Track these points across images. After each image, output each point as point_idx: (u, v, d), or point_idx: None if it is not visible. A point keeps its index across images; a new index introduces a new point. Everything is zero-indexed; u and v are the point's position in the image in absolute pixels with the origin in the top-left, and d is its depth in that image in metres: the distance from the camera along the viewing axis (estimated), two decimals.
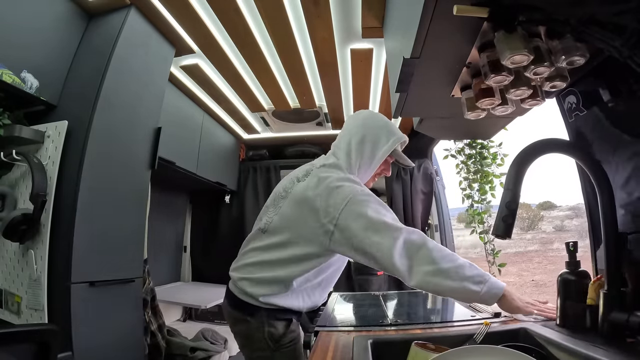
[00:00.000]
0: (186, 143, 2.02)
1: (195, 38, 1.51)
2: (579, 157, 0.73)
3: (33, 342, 0.74)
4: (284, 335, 0.98)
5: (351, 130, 1.06)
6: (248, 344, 1.01)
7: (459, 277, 0.80)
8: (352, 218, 0.88)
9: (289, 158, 2.78)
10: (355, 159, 1.03)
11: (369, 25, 1.41)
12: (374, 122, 1.06)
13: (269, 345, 0.97)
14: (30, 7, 1.15)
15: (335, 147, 1.09)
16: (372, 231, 0.85)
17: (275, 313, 0.98)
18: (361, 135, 1.03)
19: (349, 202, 0.89)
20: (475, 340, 0.73)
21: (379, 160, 1.04)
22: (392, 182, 2.59)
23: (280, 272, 0.96)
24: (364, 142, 1.03)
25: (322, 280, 1.03)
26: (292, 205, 0.98)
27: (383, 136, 1.03)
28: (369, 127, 1.04)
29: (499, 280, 0.82)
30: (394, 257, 0.82)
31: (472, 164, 1.28)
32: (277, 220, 0.99)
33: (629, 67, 0.49)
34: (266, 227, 1.01)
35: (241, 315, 1.00)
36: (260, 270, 0.99)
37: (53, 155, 1.14)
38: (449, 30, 0.64)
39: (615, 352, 0.59)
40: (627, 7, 0.46)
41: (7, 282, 1.17)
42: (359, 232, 0.86)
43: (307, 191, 0.95)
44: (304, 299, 1.02)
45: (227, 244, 2.69)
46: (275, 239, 0.98)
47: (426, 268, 0.81)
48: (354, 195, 0.90)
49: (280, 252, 0.97)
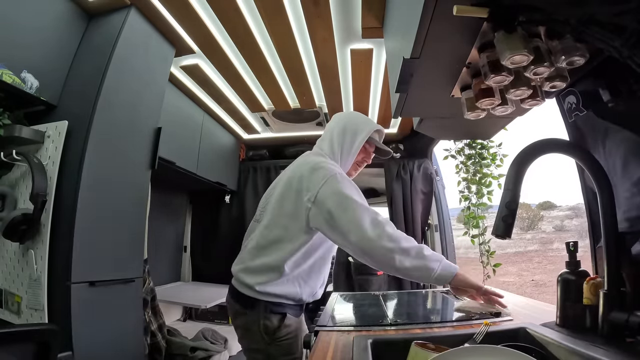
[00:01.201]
0: (186, 143, 2.02)
1: (195, 38, 1.51)
2: (579, 157, 0.73)
3: (33, 342, 0.74)
4: (278, 328, 1.02)
5: (333, 125, 1.20)
6: (246, 336, 1.07)
7: (418, 256, 0.90)
8: (327, 194, 0.97)
9: (289, 158, 2.78)
10: (337, 147, 1.15)
11: (369, 26, 1.41)
12: (353, 116, 1.21)
13: (263, 338, 1.02)
14: (31, 7, 1.15)
15: (319, 141, 1.22)
16: (343, 208, 0.95)
17: (272, 306, 1.03)
18: (342, 127, 1.17)
19: (327, 180, 0.99)
20: (475, 340, 0.73)
21: (357, 146, 1.16)
22: (392, 182, 2.59)
23: (269, 256, 1.03)
24: (345, 132, 1.16)
25: (312, 264, 1.09)
26: (279, 190, 1.09)
27: (361, 125, 1.17)
28: (348, 121, 1.19)
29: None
30: (364, 231, 0.92)
31: (471, 165, 1.27)
32: (267, 207, 1.10)
33: (629, 67, 0.49)
34: (260, 216, 1.12)
35: (241, 309, 1.06)
36: (253, 258, 1.06)
37: (53, 155, 1.14)
38: (449, 31, 0.64)
39: (615, 352, 0.59)
40: (627, 7, 0.46)
41: (7, 282, 1.17)
42: (333, 208, 0.95)
43: (291, 175, 1.08)
44: (300, 284, 1.07)
45: (227, 244, 2.69)
46: (265, 222, 1.07)
47: (389, 245, 0.90)
48: (332, 175, 1.00)
49: (269, 234, 1.05)
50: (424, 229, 2.57)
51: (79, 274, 1.08)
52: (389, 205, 2.59)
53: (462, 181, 1.31)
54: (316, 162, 1.06)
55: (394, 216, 2.54)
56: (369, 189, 3.39)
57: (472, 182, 1.27)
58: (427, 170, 2.59)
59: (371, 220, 0.94)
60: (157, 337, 1.67)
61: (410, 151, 2.67)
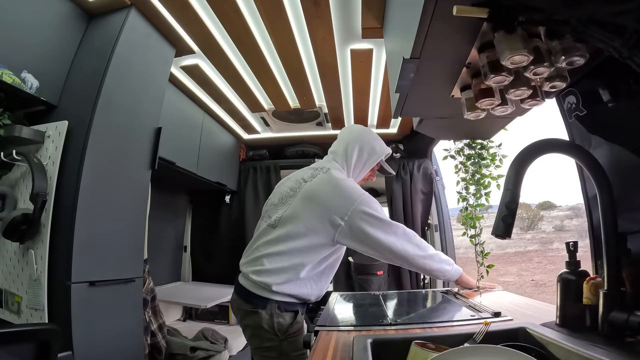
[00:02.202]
0: (186, 143, 2.02)
1: (195, 38, 1.51)
2: (579, 157, 0.73)
3: (33, 342, 0.74)
4: (290, 325, 1.11)
5: (348, 140, 1.28)
6: (257, 335, 1.12)
7: (439, 260, 1.15)
8: (360, 215, 1.08)
9: (289, 158, 2.78)
10: (352, 163, 1.26)
11: (368, 26, 1.41)
12: (369, 136, 1.30)
13: (277, 335, 1.09)
14: (31, 8, 1.15)
15: (333, 153, 1.30)
16: (377, 228, 1.08)
17: (285, 305, 1.11)
18: (359, 145, 1.26)
19: (359, 202, 1.09)
20: (475, 340, 0.73)
21: (369, 166, 1.29)
22: (392, 182, 2.59)
23: (291, 261, 1.10)
24: (362, 151, 1.26)
25: (325, 267, 1.18)
26: (301, 202, 1.14)
27: (377, 147, 1.29)
28: (365, 140, 1.28)
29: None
30: (397, 247, 1.09)
31: (470, 165, 1.27)
32: (287, 216, 1.14)
33: (629, 67, 0.49)
34: (276, 222, 1.16)
35: (252, 308, 1.11)
36: (273, 260, 1.11)
37: (53, 155, 1.14)
38: (449, 31, 0.64)
39: (615, 352, 0.59)
40: (627, 7, 0.46)
41: (8, 282, 1.17)
42: (368, 229, 1.08)
43: (317, 190, 1.14)
44: (312, 286, 1.15)
45: (227, 244, 2.69)
46: (284, 231, 1.12)
47: (419, 252, 1.11)
48: (362, 197, 1.11)
49: (290, 243, 1.11)
50: (424, 229, 2.57)
51: (79, 274, 1.08)
52: (389, 205, 2.59)
53: (461, 181, 1.31)
54: (342, 179, 1.16)
55: (394, 216, 2.54)
56: (369, 189, 3.39)
57: (470, 182, 1.27)
58: (427, 170, 2.59)
59: (402, 234, 1.11)
60: (157, 337, 1.68)
61: (410, 151, 2.67)
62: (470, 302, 1.11)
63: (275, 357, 1.09)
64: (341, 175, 1.19)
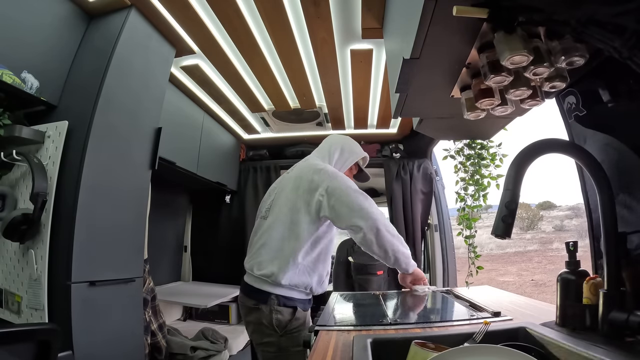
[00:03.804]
0: (187, 143, 2.02)
1: (195, 39, 1.51)
2: (579, 157, 0.73)
3: (33, 342, 0.74)
4: (289, 321, 1.15)
5: (331, 142, 1.47)
6: (258, 331, 1.17)
7: (404, 245, 1.22)
8: (335, 187, 1.19)
9: (289, 158, 2.78)
10: (334, 161, 1.41)
11: (368, 26, 1.41)
12: (350, 141, 1.50)
13: (276, 330, 1.13)
14: (31, 8, 1.15)
15: (316, 152, 1.47)
16: (354, 194, 1.19)
17: (285, 300, 1.16)
18: (341, 146, 1.46)
19: (335, 178, 1.21)
20: (474, 340, 0.73)
21: (349, 164, 1.46)
22: (392, 182, 2.59)
23: (284, 244, 1.17)
24: (343, 151, 1.45)
25: (319, 253, 1.25)
26: (284, 189, 1.26)
27: (355, 149, 1.48)
28: (346, 143, 1.48)
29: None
30: (372, 211, 1.18)
31: (470, 165, 1.28)
32: (274, 204, 1.25)
33: (629, 67, 0.50)
34: (267, 213, 1.26)
35: (254, 304, 1.17)
36: (269, 249, 1.19)
37: (53, 155, 1.14)
38: (449, 31, 0.64)
39: (615, 351, 0.59)
40: (627, 7, 0.46)
41: (8, 282, 1.17)
42: (344, 197, 1.17)
43: (296, 174, 1.28)
44: (310, 273, 1.21)
45: (227, 244, 2.69)
46: (273, 218, 1.22)
47: (390, 229, 1.20)
48: (337, 173, 1.25)
49: (279, 227, 1.19)
50: (423, 229, 2.57)
51: (79, 273, 1.08)
52: (389, 206, 2.59)
53: (460, 181, 1.32)
54: (321, 164, 1.29)
55: (394, 216, 2.54)
56: (369, 189, 3.39)
57: (469, 182, 1.28)
58: (427, 170, 2.59)
59: (375, 206, 1.22)
60: (158, 337, 1.68)
61: (410, 151, 2.67)
62: (470, 302, 1.11)
63: (274, 352, 1.13)
64: (319, 161, 1.35)
